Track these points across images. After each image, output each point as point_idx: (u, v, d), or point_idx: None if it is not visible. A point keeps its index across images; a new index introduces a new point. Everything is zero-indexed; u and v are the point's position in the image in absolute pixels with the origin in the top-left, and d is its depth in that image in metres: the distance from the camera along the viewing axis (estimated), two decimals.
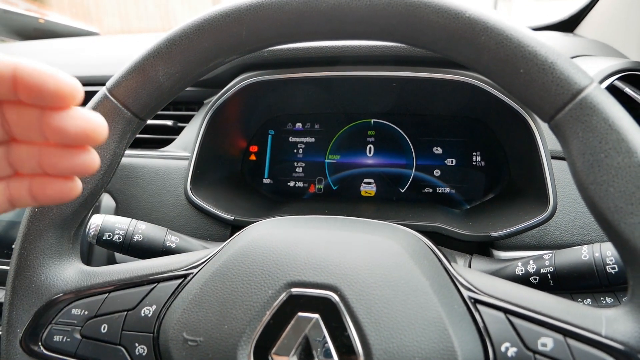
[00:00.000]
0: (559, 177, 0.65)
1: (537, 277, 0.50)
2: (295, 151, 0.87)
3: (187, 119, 0.86)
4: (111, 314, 0.42)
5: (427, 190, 0.81)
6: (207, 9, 0.41)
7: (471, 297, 0.36)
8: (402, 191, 0.82)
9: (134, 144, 0.85)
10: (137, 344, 0.40)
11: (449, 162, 0.81)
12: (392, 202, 0.81)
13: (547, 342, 0.32)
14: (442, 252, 0.41)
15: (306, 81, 0.76)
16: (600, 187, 0.32)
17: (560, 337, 0.32)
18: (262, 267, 0.38)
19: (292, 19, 0.38)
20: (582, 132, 0.32)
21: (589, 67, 0.74)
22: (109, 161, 0.43)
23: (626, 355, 0.30)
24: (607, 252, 0.46)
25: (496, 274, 0.55)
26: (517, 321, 0.34)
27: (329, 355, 0.34)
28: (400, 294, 0.35)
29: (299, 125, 0.87)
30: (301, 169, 0.86)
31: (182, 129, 0.84)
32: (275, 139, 0.88)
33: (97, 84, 0.88)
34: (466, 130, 0.80)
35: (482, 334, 0.34)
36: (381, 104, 0.82)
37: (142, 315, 0.41)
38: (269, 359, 0.35)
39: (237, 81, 0.75)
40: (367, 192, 0.83)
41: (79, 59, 1.03)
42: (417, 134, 0.82)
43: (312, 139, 0.86)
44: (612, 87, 0.71)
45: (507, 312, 0.34)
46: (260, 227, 0.43)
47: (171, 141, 0.83)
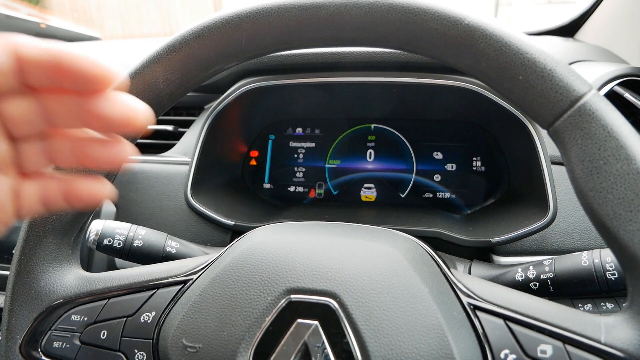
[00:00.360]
0: (559, 183, 0.65)
1: (537, 283, 0.50)
2: (295, 156, 0.87)
3: (187, 124, 0.86)
4: (111, 320, 0.42)
5: (427, 195, 0.81)
6: (207, 16, 0.41)
7: (470, 304, 0.36)
8: (403, 196, 0.82)
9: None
10: (136, 350, 0.40)
11: (449, 167, 0.81)
12: (392, 207, 0.81)
13: (546, 349, 0.32)
14: (441, 258, 0.41)
15: (306, 86, 0.76)
16: (599, 194, 0.32)
17: (559, 344, 0.32)
18: (262, 274, 0.38)
19: (292, 26, 0.39)
20: (581, 139, 0.32)
21: (589, 72, 0.74)
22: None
23: None
24: (607, 258, 0.46)
25: (496, 279, 0.55)
26: (516, 328, 0.34)
27: None
28: (399, 301, 0.35)
29: (300, 130, 0.87)
30: (301, 173, 0.86)
31: (182, 134, 0.84)
32: (275, 144, 0.88)
33: None
34: (466, 135, 0.80)
35: (482, 340, 0.34)
36: (381, 109, 0.83)
37: (142, 321, 0.41)
38: None
39: (238, 86, 0.75)
40: (367, 197, 0.83)
41: None
42: (417, 139, 0.82)
43: (313, 144, 0.86)
44: (612, 92, 0.71)
45: (506, 318, 0.34)
46: (259, 233, 0.43)
47: (171, 146, 0.83)
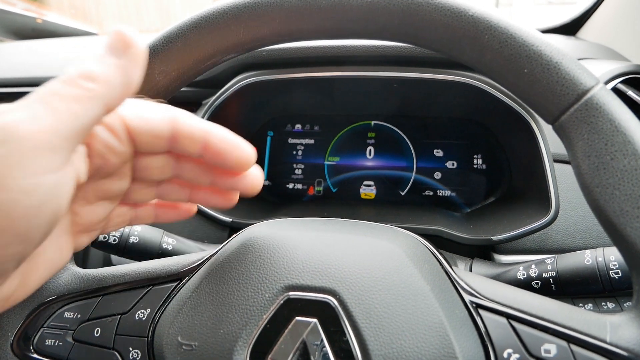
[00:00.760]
0: (561, 181, 0.64)
1: (539, 282, 0.49)
2: (294, 153, 0.86)
3: None
4: (104, 318, 0.41)
5: (427, 193, 0.80)
6: (205, 7, 0.40)
7: (473, 302, 0.35)
8: (402, 194, 0.81)
9: None
10: (130, 348, 0.39)
11: (449, 164, 0.80)
12: (392, 205, 0.80)
13: (550, 348, 0.31)
14: (443, 255, 0.40)
15: (306, 81, 0.75)
16: (605, 190, 0.31)
17: (564, 344, 0.31)
18: (259, 270, 0.37)
19: (292, 17, 0.38)
20: (587, 134, 0.32)
21: (592, 70, 0.74)
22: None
23: None
24: (611, 257, 0.46)
25: (497, 278, 0.54)
26: (519, 327, 0.33)
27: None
28: (400, 298, 0.34)
29: (299, 126, 0.87)
30: (300, 170, 0.85)
31: None
32: (274, 140, 0.87)
33: None
34: (467, 132, 0.80)
35: (484, 339, 0.33)
36: (382, 106, 0.82)
37: (136, 318, 0.40)
38: None
39: (236, 81, 0.74)
40: (366, 195, 0.83)
41: (77, 59, 1.02)
42: (417, 136, 0.82)
43: (312, 141, 0.86)
44: (615, 90, 0.70)
45: (509, 317, 0.33)
46: (257, 229, 0.42)
47: None
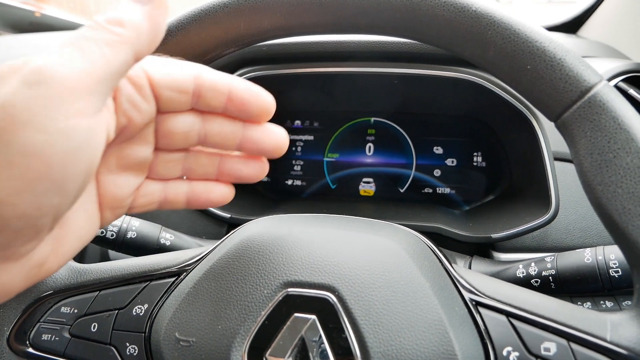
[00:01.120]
0: (561, 179, 0.64)
1: (539, 280, 0.49)
2: (293, 149, 0.86)
3: None
4: (101, 313, 0.40)
5: (427, 190, 0.80)
6: (205, 0, 0.40)
7: (472, 299, 0.35)
8: (402, 191, 0.81)
9: None
10: (127, 344, 0.39)
11: (449, 162, 0.80)
12: (391, 202, 0.80)
13: (550, 346, 0.31)
14: (442, 252, 0.40)
15: (306, 77, 0.75)
16: (608, 188, 0.31)
17: (563, 342, 0.31)
18: (258, 266, 0.37)
19: (292, 11, 0.37)
20: (590, 131, 0.31)
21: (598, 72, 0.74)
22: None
23: None
24: (611, 255, 0.46)
25: (497, 276, 0.54)
26: (519, 325, 0.33)
27: (325, 357, 0.33)
28: (399, 295, 0.34)
29: (298, 122, 0.86)
30: (299, 167, 0.85)
31: None
32: None
33: None
34: (467, 130, 0.80)
35: (484, 337, 0.33)
36: (382, 102, 0.82)
37: (134, 314, 0.40)
38: None
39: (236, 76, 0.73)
40: (366, 192, 0.83)
41: None
42: (417, 133, 0.81)
43: (311, 137, 0.85)
44: (616, 88, 0.70)
45: (509, 315, 0.33)
46: (256, 225, 0.42)
47: None
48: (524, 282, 0.50)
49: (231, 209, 0.72)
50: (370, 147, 0.83)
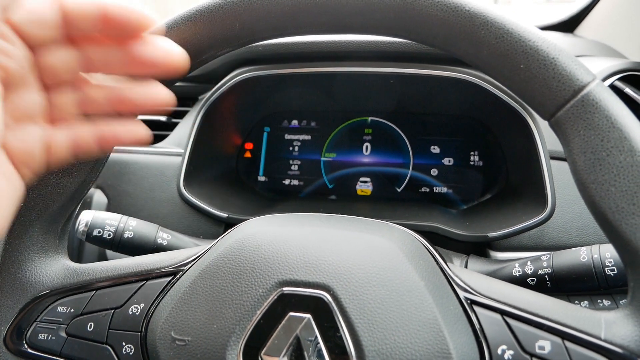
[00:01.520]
0: (557, 178, 0.64)
1: (535, 279, 0.49)
2: (290, 149, 0.86)
3: (181, 115, 0.85)
4: (98, 312, 0.40)
5: (423, 189, 0.80)
6: (200, 1, 0.40)
7: (467, 298, 0.35)
8: (399, 190, 0.81)
9: None
10: (124, 343, 0.39)
11: (446, 161, 0.80)
12: (388, 202, 0.80)
13: (544, 345, 0.31)
14: (438, 252, 0.40)
15: (302, 77, 0.75)
16: (601, 187, 0.31)
17: (558, 340, 0.31)
18: (253, 265, 0.37)
19: (287, 11, 0.37)
20: (583, 130, 0.32)
21: (589, 67, 0.74)
22: (97, 154, 0.42)
23: (625, 359, 0.29)
24: (606, 254, 0.46)
25: (493, 274, 0.54)
26: (514, 323, 0.33)
27: (320, 356, 0.33)
28: (394, 294, 0.34)
29: (295, 122, 0.86)
30: (297, 167, 0.85)
31: (175, 124, 0.83)
32: (270, 136, 0.87)
33: None
34: (464, 129, 0.80)
35: (478, 336, 0.33)
36: (378, 102, 0.82)
37: (130, 313, 0.40)
38: (259, 359, 0.34)
39: (232, 76, 0.74)
40: (363, 191, 0.83)
41: None
42: (414, 132, 0.81)
43: (308, 137, 0.85)
44: (612, 87, 0.70)
45: (504, 313, 0.33)
46: (252, 225, 0.42)
47: (164, 137, 0.82)
48: (520, 281, 0.50)
49: (228, 208, 0.72)
50: (367, 146, 0.83)
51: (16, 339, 0.41)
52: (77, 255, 0.73)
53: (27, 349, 0.41)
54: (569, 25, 1.06)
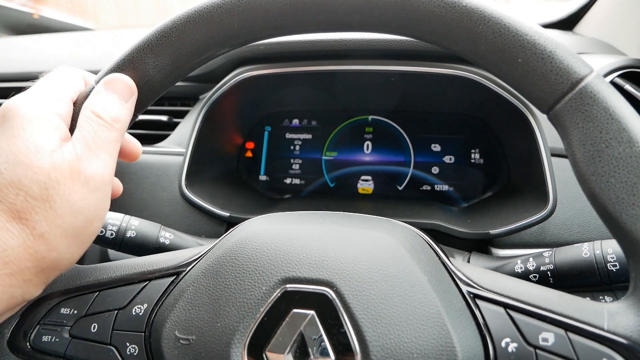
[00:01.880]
0: (558, 175, 0.64)
1: (537, 275, 0.49)
2: (291, 148, 0.86)
3: (182, 115, 0.85)
4: (101, 313, 0.40)
5: (425, 187, 0.80)
6: (199, 1, 0.40)
7: (470, 292, 0.35)
8: (400, 189, 0.81)
9: None
10: (128, 344, 0.39)
11: (447, 159, 0.80)
12: (389, 200, 0.80)
13: (548, 337, 0.31)
14: (440, 247, 0.40)
15: (303, 76, 0.75)
16: (601, 178, 0.31)
17: (561, 332, 0.31)
18: (256, 263, 0.37)
19: (285, 10, 0.38)
20: (582, 122, 0.32)
21: (589, 64, 0.74)
22: None
23: (629, 349, 0.29)
24: (608, 250, 0.46)
25: (495, 271, 0.54)
26: (517, 316, 0.33)
27: (325, 352, 0.33)
28: (397, 290, 0.34)
29: (296, 121, 0.86)
30: (298, 166, 0.85)
31: (177, 124, 0.83)
32: (271, 135, 0.87)
33: None
34: (465, 127, 0.80)
35: (482, 329, 0.33)
36: (379, 100, 0.82)
37: (133, 314, 0.40)
38: (264, 356, 0.34)
39: (233, 75, 0.74)
40: (364, 190, 0.83)
41: (73, 54, 1.01)
42: (415, 131, 0.82)
43: (309, 136, 0.85)
44: (612, 84, 0.70)
45: (507, 306, 0.33)
46: (254, 223, 0.42)
47: (166, 137, 0.82)
48: (523, 277, 0.50)
49: (230, 207, 0.72)
50: (368, 145, 0.83)
51: (20, 341, 0.41)
52: None
53: (30, 351, 0.41)
54: (568, 23, 1.05)
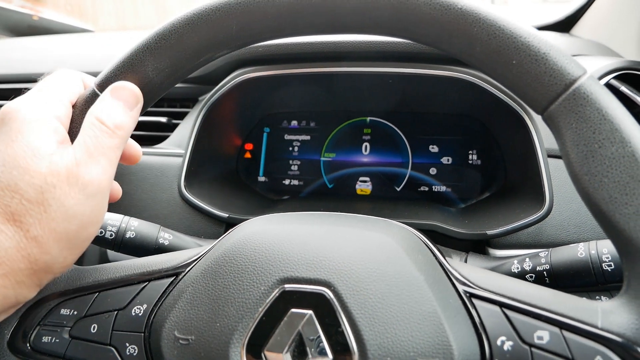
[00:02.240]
0: (555, 176, 0.65)
1: (533, 275, 0.50)
2: (290, 149, 0.86)
3: (181, 116, 0.85)
4: (101, 314, 0.41)
5: (422, 188, 0.81)
6: (197, 3, 0.40)
7: (466, 291, 0.35)
8: (398, 189, 0.82)
9: None
10: (127, 344, 0.39)
11: (445, 160, 0.80)
12: (387, 201, 0.80)
13: (543, 335, 0.32)
14: (436, 246, 0.40)
15: (302, 77, 0.75)
16: (594, 178, 0.31)
17: (556, 330, 0.32)
18: (255, 264, 0.37)
19: (283, 12, 0.38)
20: (575, 123, 0.32)
21: (585, 66, 0.74)
22: None
23: (623, 346, 0.30)
24: (604, 250, 0.46)
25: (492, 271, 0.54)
26: (512, 315, 0.33)
27: (323, 351, 0.34)
28: (394, 289, 0.34)
29: (295, 123, 0.87)
30: (296, 167, 0.86)
31: (176, 125, 0.84)
32: (270, 136, 0.87)
33: None
34: (462, 128, 0.80)
35: (478, 328, 0.34)
36: (377, 102, 0.82)
37: (133, 314, 0.40)
38: (262, 356, 0.34)
39: (232, 77, 0.74)
40: (362, 191, 0.83)
41: (72, 55, 1.02)
42: (413, 132, 0.82)
43: (308, 137, 0.86)
44: (608, 85, 0.70)
45: (502, 305, 0.34)
46: (252, 224, 0.42)
47: (165, 138, 0.82)
48: (519, 278, 0.50)
49: (229, 208, 0.72)
50: (366, 146, 0.84)
51: (20, 342, 0.41)
52: (79, 257, 0.73)
53: (30, 352, 0.41)
54: (565, 25, 1.06)
